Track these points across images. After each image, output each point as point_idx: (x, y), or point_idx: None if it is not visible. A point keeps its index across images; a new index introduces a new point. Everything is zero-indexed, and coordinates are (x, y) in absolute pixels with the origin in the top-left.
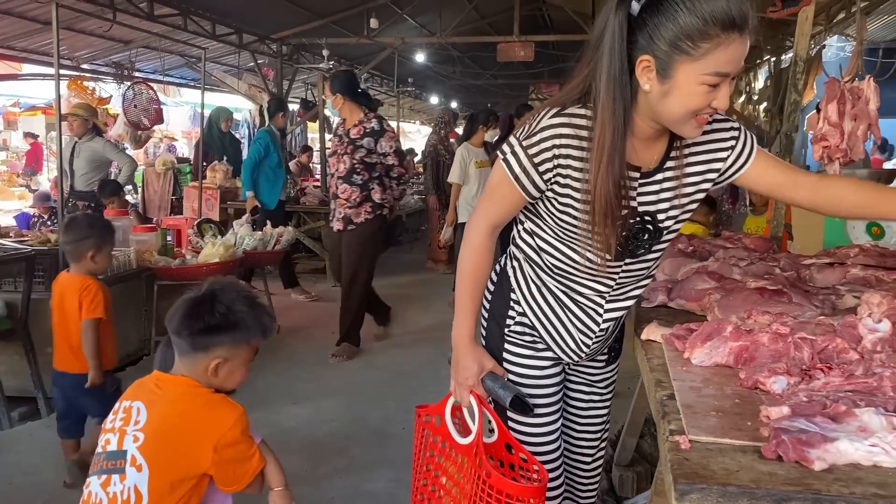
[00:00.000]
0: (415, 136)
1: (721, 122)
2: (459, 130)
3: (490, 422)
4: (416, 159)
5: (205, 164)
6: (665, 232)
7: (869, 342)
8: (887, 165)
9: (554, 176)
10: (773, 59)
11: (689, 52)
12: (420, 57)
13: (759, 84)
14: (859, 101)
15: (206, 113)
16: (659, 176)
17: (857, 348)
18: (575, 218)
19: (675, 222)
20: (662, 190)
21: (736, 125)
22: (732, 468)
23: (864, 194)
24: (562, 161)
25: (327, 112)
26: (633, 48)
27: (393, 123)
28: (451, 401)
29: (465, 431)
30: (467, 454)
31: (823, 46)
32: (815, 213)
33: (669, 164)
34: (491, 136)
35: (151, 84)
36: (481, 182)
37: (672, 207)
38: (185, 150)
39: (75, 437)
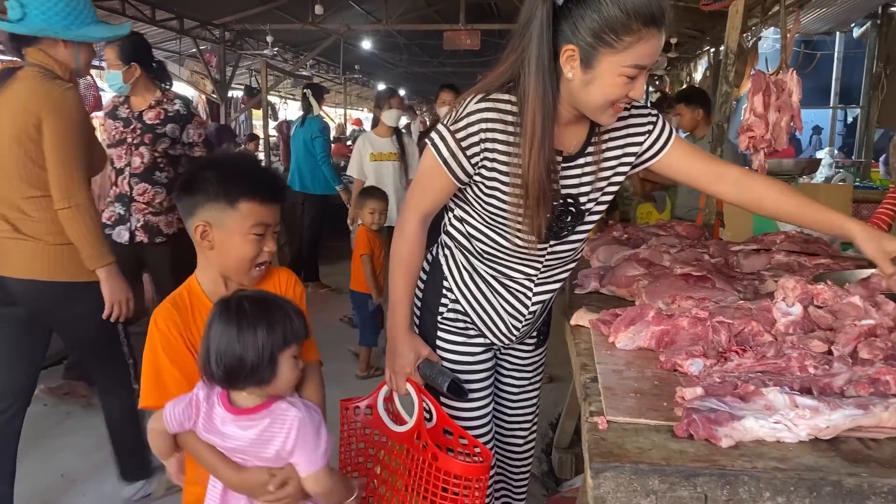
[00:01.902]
0: (365, 124)
1: (639, 108)
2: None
3: (427, 408)
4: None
5: None
6: (587, 214)
7: (782, 325)
8: (820, 154)
9: (481, 160)
10: (713, 49)
11: (612, 44)
12: (366, 44)
13: (699, 75)
14: (783, 94)
15: None
16: (581, 160)
17: (771, 331)
18: (502, 202)
19: (596, 204)
20: (584, 174)
21: (654, 113)
22: (646, 447)
23: (784, 200)
24: (488, 145)
25: (272, 99)
26: (557, 36)
27: (340, 111)
28: (383, 390)
29: (398, 420)
30: (406, 441)
31: (759, 38)
32: (738, 207)
33: (590, 148)
34: (390, 116)
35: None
36: (381, 179)
37: (593, 190)
38: None
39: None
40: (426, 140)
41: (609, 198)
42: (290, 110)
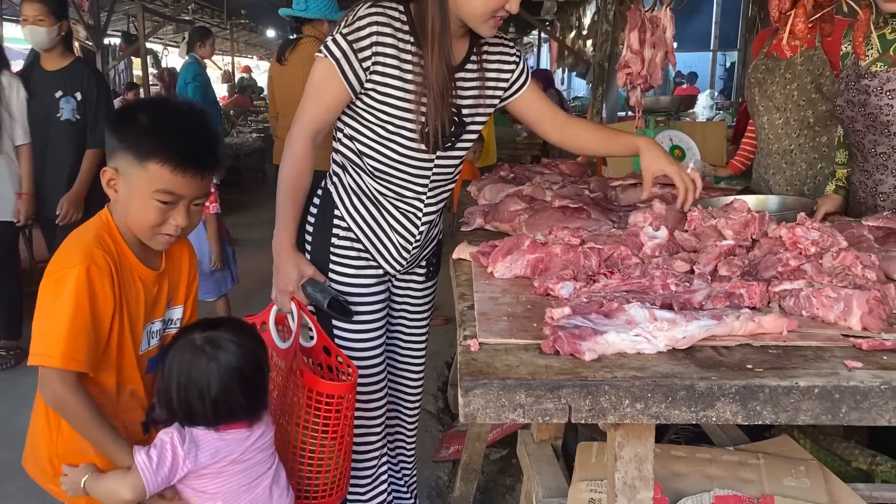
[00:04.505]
0: (255, 73)
1: (508, 44)
2: None
3: (311, 328)
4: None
5: None
6: (468, 125)
7: (649, 248)
8: (701, 97)
9: (373, 64)
10: None
11: None
12: None
13: (588, 20)
14: (657, 30)
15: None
16: (463, 73)
17: (639, 254)
18: (396, 108)
19: (474, 119)
20: (468, 87)
21: (518, 52)
22: (514, 364)
23: (597, 136)
24: (380, 49)
25: (154, 46)
26: None
27: (227, 59)
28: (274, 309)
29: (288, 337)
30: (286, 358)
31: None
32: (562, 148)
33: (471, 66)
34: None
35: None
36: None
37: (475, 105)
38: None
39: None
40: (316, 54)
41: (485, 118)
42: (172, 58)
